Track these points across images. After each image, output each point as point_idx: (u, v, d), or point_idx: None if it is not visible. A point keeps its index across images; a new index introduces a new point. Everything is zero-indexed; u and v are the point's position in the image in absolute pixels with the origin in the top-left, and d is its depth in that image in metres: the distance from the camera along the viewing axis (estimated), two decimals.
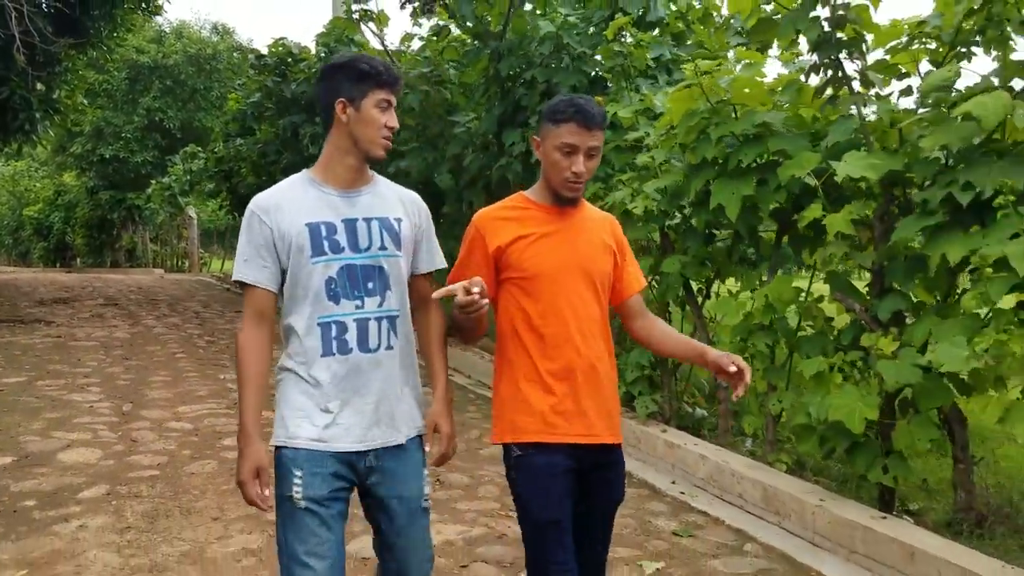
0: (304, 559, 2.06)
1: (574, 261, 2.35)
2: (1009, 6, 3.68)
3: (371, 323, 2.18)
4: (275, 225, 2.14)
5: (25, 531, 3.76)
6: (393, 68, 2.23)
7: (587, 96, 2.37)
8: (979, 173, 3.56)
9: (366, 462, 2.17)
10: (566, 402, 2.29)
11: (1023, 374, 3.27)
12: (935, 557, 3.47)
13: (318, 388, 2.14)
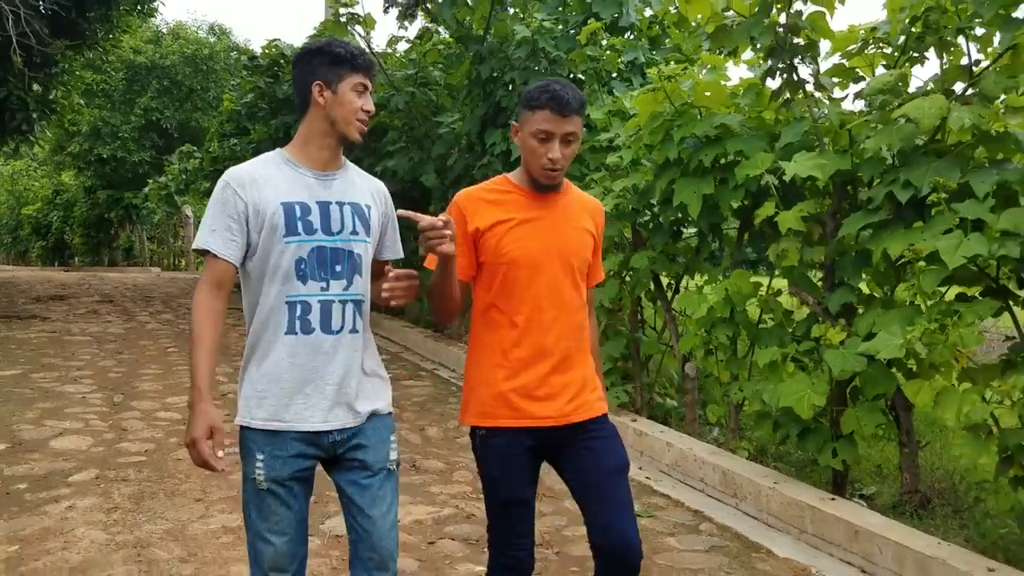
0: (266, 535, 2.17)
1: (555, 248, 2.34)
2: (949, 15, 3.89)
3: (335, 305, 2.19)
4: (250, 199, 2.14)
5: (17, 511, 3.97)
6: (368, 53, 2.27)
7: (564, 81, 2.35)
8: (918, 172, 3.77)
9: (331, 438, 2.20)
10: (532, 388, 2.30)
11: (952, 361, 3.48)
12: (876, 535, 3.68)
13: (279, 367, 2.16)
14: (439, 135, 7.80)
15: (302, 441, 2.17)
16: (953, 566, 3.32)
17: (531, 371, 2.31)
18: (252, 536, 2.20)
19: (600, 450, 2.36)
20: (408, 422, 5.83)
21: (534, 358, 2.31)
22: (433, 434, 5.58)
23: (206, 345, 2.11)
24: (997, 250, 3.36)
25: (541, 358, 2.31)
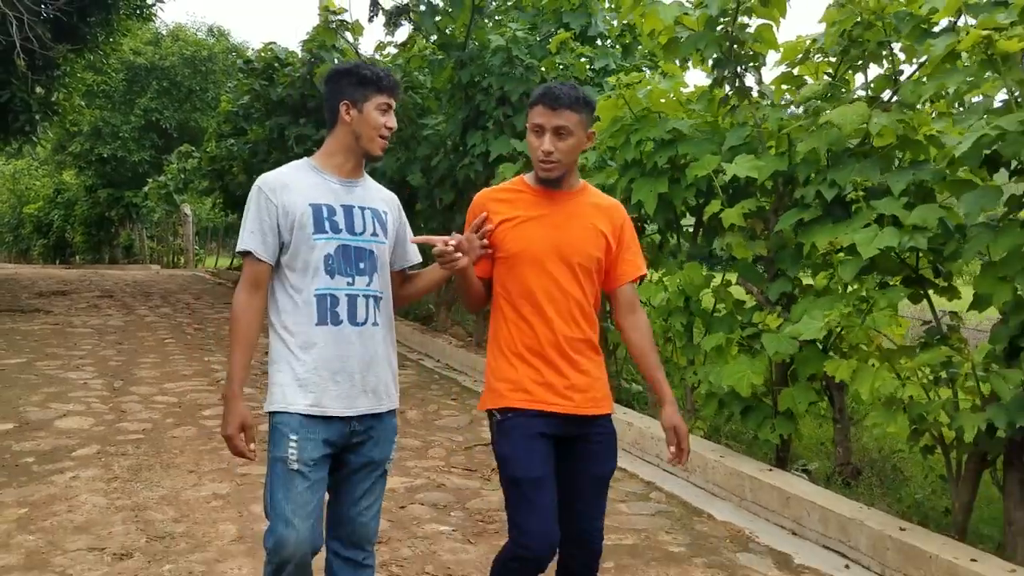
0: (290, 518, 2.23)
1: (556, 244, 2.42)
2: (875, 29, 4.27)
3: (359, 299, 2.37)
4: (280, 203, 2.32)
5: (25, 480, 4.36)
6: (393, 75, 2.46)
7: (568, 82, 2.51)
8: (843, 173, 4.16)
9: (352, 427, 2.35)
10: (544, 375, 2.40)
11: (867, 342, 3.87)
12: (805, 500, 4.08)
13: (310, 356, 2.31)
14: (424, 136, 8.20)
15: (330, 429, 2.32)
16: (869, 526, 3.71)
17: (543, 361, 2.41)
18: (275, 518, 2.25)
19: (597, 454, 2.47)
20: None
21: (544, 348, 2.40)
22: (412, 416, 5.97)
23: (244, 343, 2.30)
24: (908, 242, 3.74)
25: (548, 349, 2.40)
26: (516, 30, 6.54)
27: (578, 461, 2.45)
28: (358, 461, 2.40)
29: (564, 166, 2.41)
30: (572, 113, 2.35)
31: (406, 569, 3.42)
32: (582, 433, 2.44)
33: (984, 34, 3.13)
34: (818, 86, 4.32)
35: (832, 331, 4.09)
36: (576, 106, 2.36)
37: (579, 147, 2.43)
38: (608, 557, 3.59)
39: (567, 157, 2.39)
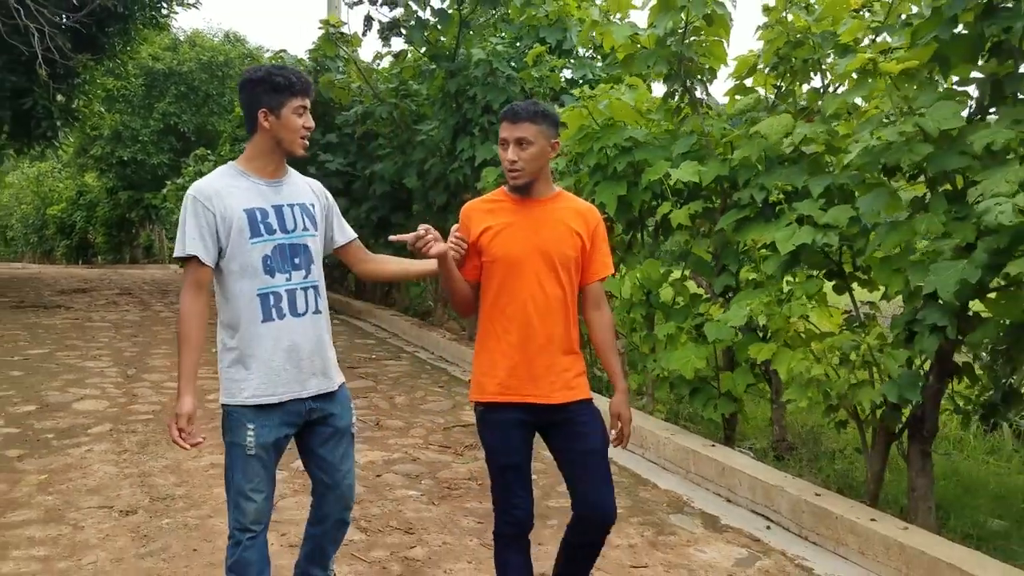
0: (250, 494, 2.52)
1: (534, 246, 2.62)
2: (806, 47, 4.72)
3: (298, 292, 2.56)
4: (216, 210, 2.46)
5: (46, 452, 4.91)
6: (304, 76, 2.59)
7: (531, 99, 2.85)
8: (771, 177, 4.63)
9: (306, 406, 2.59)
10: (521, 368, 2.62)
11: (786, 328, 4.33)
12: (738, 471, 4.54)
13: (259, 350, 2.50)
14: (419, 141, 8.71)
15: (285, 412, 2.55)
16: (789, 492, 4.17)
17: (521, 355, 2.62)
18: (235, 496, 2.54)
19: (586, 432, 2.67)
20: (381, 393, 6.73)
21: (522, 344, 2.62)
22: (400, 402, 6.48)
23: (192, 344, 2.49)
24: (821, 239, 4.20)
25: (528, 344, 2.62)
26: (497, 44, 7.05)
27: (567, 441, 2.67)
28: (325, 432, 2.67)
29: (529, 173, 2.62)
30: (531, 125, 2.58)
31: (372, 524, 3.92)
32: (563, 418, 2.66)
33: (868, 57, 3.59)
34: (751, 99, 4.80)
35: (758, 318, 4.54)
36: (534, 118, 2.59)
37: (542, 155, 2.63)
38: (552, 516, 4.08)
39: (530, 165, 2.61)
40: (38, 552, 3.53)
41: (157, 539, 3.68)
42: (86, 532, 3.74)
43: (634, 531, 4.02)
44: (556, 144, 2.70)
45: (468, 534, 3.86)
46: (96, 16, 12.76)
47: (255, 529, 2.56)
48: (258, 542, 2.58)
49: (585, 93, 5.61)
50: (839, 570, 3.66)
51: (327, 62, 10.54)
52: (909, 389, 3.78)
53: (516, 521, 2.67)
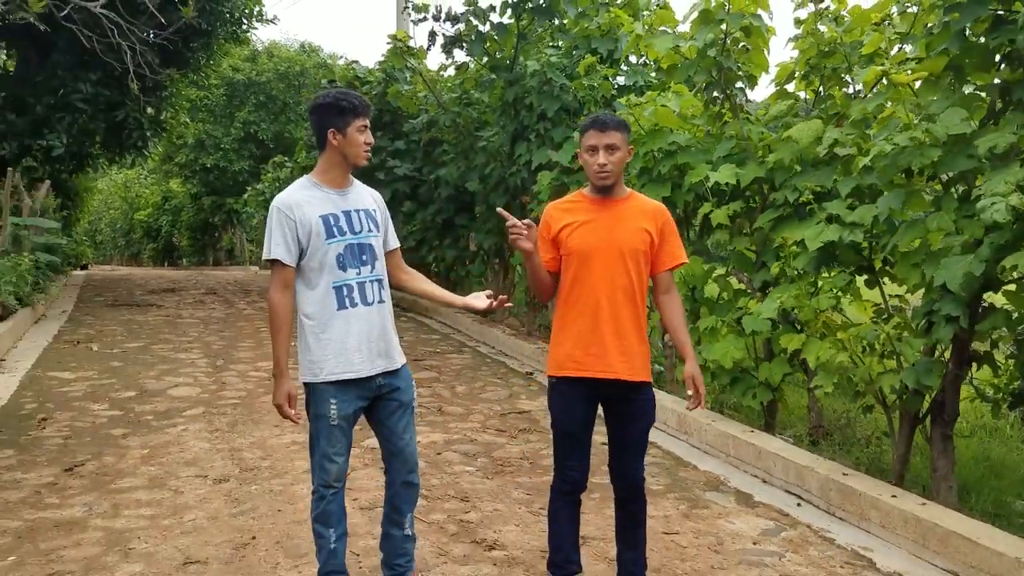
0: (332, 457, 2.98)
1: (608, 240, 2.99)
2: (837, 55, 5.01)
3: (367, 284, 2.97)
4: (296, 218, 2.89)
5: (146, 432, 5.54)
6: (364, 99, 3.00)
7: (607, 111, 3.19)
8: (803, 179, 4.94)
9: (376, 383, 3.01)
10: (590, 347, 2.99)
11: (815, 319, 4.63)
12: (773, 454, 4.87)
13: (334, 333, 2.91)
14: (481, 147, 9.19)
15: (360, 387, 2.98)
16: (819, 472, 4.49)
17: (588, 336, 2.99)
18: (319, 459, 2.98)
19: (634, 414, 3.07)
20: (444, 383, 7.22)
21: (591, 326, 2.99)
22: (461, 391, 6.96)
23: (283, 332, 2.93)
24: (847, 236, 4.49)
25: (596, 326, 2.98)
26: (551, 55, 7.47)
27: (621, 419, 3.08)
28: (391, 405, 3.09)
29: (615, 175, 3.01)
30: (617, 133, 2.98)
31: (432, 493, 4.39)
32: (623, 396, 3.03)
33: (880, 69, 3.90)
34: (783, 106, 5.10)
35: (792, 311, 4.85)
36: (619, 127, 3.01)
37: (624, 159, 3.03)
38: (594, 490, 4.47)
39: (617, 167, 3.00)
40: (145, 512, 4.10)
41: (246, 502, 4.22)
42: (185, 496, 4.31)
43: (670, 505, 4.39)
44: (631, 150, 3.12)
45: (517, 503, 4.29)
46: (182, 33, 13.61)
47: (336, 486, 3.03)
48: (338, 497, 3.05)
49: (631, 101, 5.98)
50: (860, 541, 3.97)
51: (395, 73, 11.12)
52: (926, 375, 4.06)
53: (570, 480, 3.11)
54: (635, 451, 3.11)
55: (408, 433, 3.15)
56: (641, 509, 3.19)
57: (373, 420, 3.15)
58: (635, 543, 3.19)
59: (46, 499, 4.24)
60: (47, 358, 7.87)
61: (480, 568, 3.52)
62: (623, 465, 3.12)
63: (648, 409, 3.10)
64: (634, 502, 3.16)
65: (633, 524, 3.19)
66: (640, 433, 3.10)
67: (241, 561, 3.53)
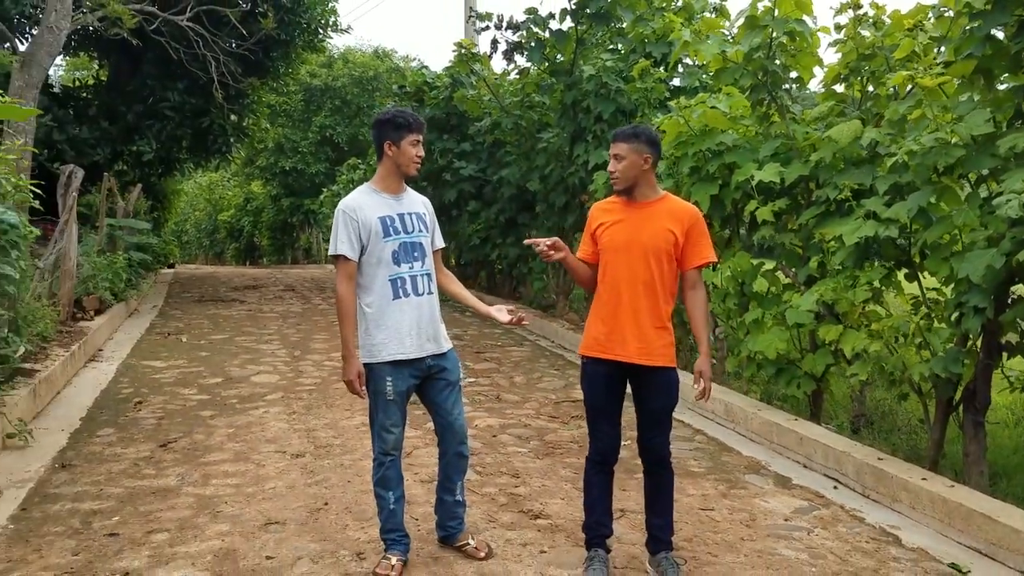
0: (389, 428, 3.40)
1: (635, 239, 3.30)
2: (878, 58, 5.20)
3: (418, 278, 3.39)
4: (359, 219, 3.32)
5: (231, 413, 6.07)
6: (419, 117, 3.42)
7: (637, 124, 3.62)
8: (843, 177, 5.14)
9: (426, 364, 3.42)
10: (614, 333, 3.31)
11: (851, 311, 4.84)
12: (814, 440, 5.09)
13: (390, 320, 3.33)
14: (542, 148, 9.55)
15: (411, 367, 3.40)
16: (855, 457, 4.71)
17: (612, 322, 3.32)
18: (378, 430, 3.43)
19: (651, 393, 3.35)
20: (503, 373, 7.61)
21: (614, 313, 3.32)
22: (518, 381, 7.33)
23: (349, 319, 3.37)
24: (883, 232, 4.70)
25: (618, 314, 3.31)
26: (607, 60, 7.78)
27: (640, 397, 3.38)
28: (440, 384, 3.50)
29: (624, 180, 3.33)
30: (624, 144, 3.32)
31: (486, 469, 4.77)
32: (641, 377, 3.34)
33: (906, 74, 4.10)
34: (825, 107, 5.31)
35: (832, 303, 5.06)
36: (627, 139, 3.32)
37: (634, 166, 3.31)
38: (637, 471, 4.78)
39: (623, 174, 3.33)
40: (231, 481, 4.59)
41: (320, 474, 4.68)
42: (266, 468, 4.79)
43: (709, 485, 4.66)
44: (648, 158, 3.33)
45: (564, 480, 4.63)
46: (262, 43, 14.40)
47: (393, 454, 3.45)
48: (395, 464, 3.47)
49: (681, 103, 6.25)
50: (889, 520, 4.18)
51: (461, 78, 11.57)
52: (954, 363, 4.25)
53: (600, 450, 3.44)
54: (654, 425, 3.37)
55: (456, 408, 3.53)
56: (666, 479, 3.47)
57: (426, 399, 3.55)
58: (661, 510, 3.46)
59: (144, 470, 4.77)
60: (141, 348, 8.56)
61: (525, 533, 3.88)
62: (644, 437, 3.40)
63: (666, 390, 3.35)
64: (658, 471, 3.45)
65: (658, 491, 3.47)
66: (658, 410, 3.36)
67: (315, 523, 3.97)
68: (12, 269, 5.00)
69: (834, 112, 5.40)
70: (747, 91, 5.90)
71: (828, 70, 5.80)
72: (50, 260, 7.74)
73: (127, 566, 3.48)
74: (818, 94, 6.04)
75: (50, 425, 5.63)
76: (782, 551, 3.75)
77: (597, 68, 7.71)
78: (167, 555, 3.59)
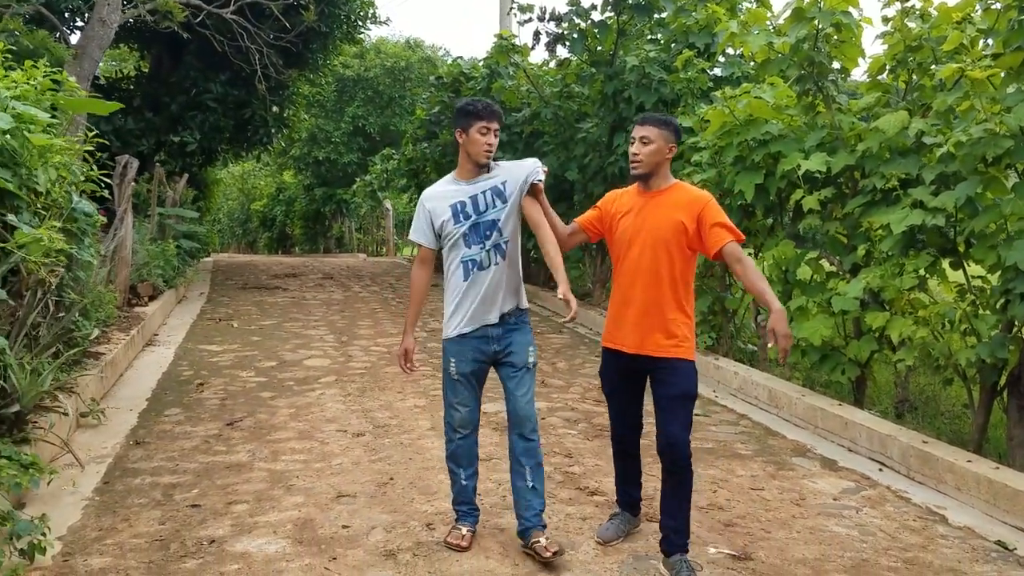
0: (456, 406, 3.54)
1: (642, 230, 3.30)
2: (924, 49, 5.29)
3: (487, 253, 3.42)
4: (430, 208, 3.49)
5: (290, 394, 6.30)
6: (491, 106, 3.42)
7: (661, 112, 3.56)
8: (890, 166, 5.25)
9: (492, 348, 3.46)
10: (624, 324, 3.37)
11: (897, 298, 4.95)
12: (858, 424, 5.22)
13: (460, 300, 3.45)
14: (580, 138, 9.69)
15: (475, 346, 3.47)
16: (900, 440, 4.83)
17: (621, 313, 3.40)
18: (447, 407, 3.57)
19: (663, 381, 3.31)
20: (545, 359, 7.79)
21: (623, 305, 3.38)
22: (561, 367, 7.51)
23: (415, 300, 3.62)
24: (930, 221, 4.81)
25: (627, 305, 3.36)
26: (649, 51, 7.90)
27: (655, 385, 3.36)
28: (506, 368, 3.52)
29: (646, 165, 3.29)
30: (653, 127, 3.29)
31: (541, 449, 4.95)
32: (652, 367, 3.34)
33: (956, 67, 4.21)
34: (872, 97, 5.40)
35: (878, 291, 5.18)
36: (657, 123, 3.29)
37: (659, 152, 3.28)
38: None
39: (647, 158, 3.28)
40: (299, 457, 4.81)
41: (382, 451, 4.89)
42: (331, 446, 5.01)
43: (758, 467, 4.81)
44: (673, 147, 3.34)
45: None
46: (303, 35, 14.62)
47: (462, 431, 3.58)
48: (466, 441, 3.59)
49: (726, 93, 6.37)
50: (935, 500, 4.31)
51: (499, 69, 11.71)
52: (1000, 349, 4.37)
53: (617, 436, 3.66)
54: (666, 415, 3.29)
55: (520, 391, 3.52)
56: (680, 479, 3.30)
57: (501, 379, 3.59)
58: (674, 511, 3.31)
59: (215, 447, 5.00)
60: (195, 333, 8.85)
61: (584, 508, 4.07)
62: (658, 425, 3.33)
63: (676, 380, 3.28)
64: (671, 468, 3.29)
65: (671, 491, 3.32)
66: (669, 400, 3.29)
67: (384, 496, 4.18)
68: (90, 255, 5.24)
69: (880, 103, 5.50)
70: (792, 81, 6.00)
71: (873, 61, 5.90)
72: (111, 248, 8.02)
73: (212, 534, 3.70)
74: (862, 84, 6.14)
75: (120, 405, 5.89)
76: (833, 528, 3.90)
77: (640, 59, 7.83)
78: (248, 524, 3.81)
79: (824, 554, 3.62)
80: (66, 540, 3.61)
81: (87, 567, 3.36)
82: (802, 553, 3.62)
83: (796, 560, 3.55)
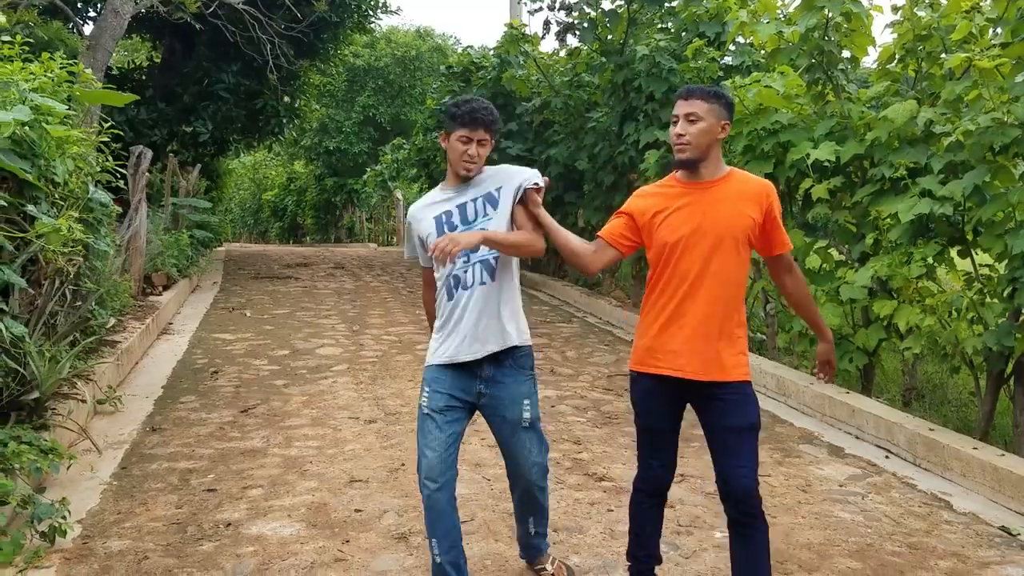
0: (423, 448, 2.84)
1: (703, 228, 2.66)
2: (934, 39, 5.29)
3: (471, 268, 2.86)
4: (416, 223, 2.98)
5: (303, 383, 6.39)
6: (477, 112, 2.83)
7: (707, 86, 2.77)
8: (898, 155, 5.27)
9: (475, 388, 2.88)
10: (665, 343, 2.71)
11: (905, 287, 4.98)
12: (865, 412, 5.26)
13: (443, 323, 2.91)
14: (590, 128, 9.72)
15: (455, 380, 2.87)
16: (907, 428, 4.87)
17: (667, 332, 2.71)
18: (418, 448, 2.87)
19: (725, 411, 2.66)
20: (555, 348, 7.85)
21: (671, 321, 2.70)
22: (570, 355, 7.57)
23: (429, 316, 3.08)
24: (938, 209, 4.83)
25: (677, 322, 2.69)
26: (659, 40, 7.92)
27: (711, 415, 2.71)
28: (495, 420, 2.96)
29: (695, 148, 2.65)
30: (702, 102, 2.64)
31: (549, 437, 5.00)
32: (706, 395, 2.68)
33: (964, 56, 4.22)
34: (881, 87, 5.42)
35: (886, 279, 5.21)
36: (706, 96, 2.65)
37: (710, 132, 2.65)
38: (693, 440, 5.00)
39: (696, 139, 2.64)
40: (312, 444, 4.89)
41: (393, 438, 4.97)
42: (343, 433, 5.09)
43: (764, 454, 4.85)
44: (726, 125, 2.71)
45: (623, 447, 4.87)
46: (314, 25, 14.65)
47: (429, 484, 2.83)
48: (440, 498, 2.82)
49: (736, 83, 6.38)
50: (940, 487, 4.36)
51: (509, 58, 11.73)
52: (1006, 337, 4.40)
53: (648, 479, 2.88)
54: (728, 452, 2.69)
55: (515, 448, 2.99)
56: (757, 536, 2.72)
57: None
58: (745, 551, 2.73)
59: (229, 433, 5.09)
60: (208, 322, 8.94)
61: (592, 494, 4.13)
62: (717, 467, 2.72)
63: (737, 410, 2.69)
64: (745, 522, 2.71)
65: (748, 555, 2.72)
66: (737, 434, 2.68)
67: (395, 481, 4.26)
68: (106, 245, 5.33)
69: (890, 92, 5.51)
70: (802, 70, 6.02)
71: (883, 50, 5.91)
72: (125, 237, 8.12)
73: (228, 517, 3.79)
74: (872, 73, 6.14)
75: (136, 392, 5.99)
76: (838, 514, 3.96)
77: (650, 48, 7.85)
78: (264, 508, 3.90)
79: (829, 539, 3.67)
80: (85, 523, 3.70)
81: (106, 549, 3.45)
82: (807, 538, 3.68)
83: (801, 544, 3.61)
